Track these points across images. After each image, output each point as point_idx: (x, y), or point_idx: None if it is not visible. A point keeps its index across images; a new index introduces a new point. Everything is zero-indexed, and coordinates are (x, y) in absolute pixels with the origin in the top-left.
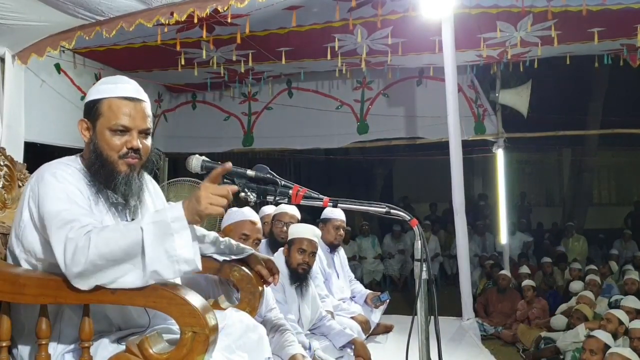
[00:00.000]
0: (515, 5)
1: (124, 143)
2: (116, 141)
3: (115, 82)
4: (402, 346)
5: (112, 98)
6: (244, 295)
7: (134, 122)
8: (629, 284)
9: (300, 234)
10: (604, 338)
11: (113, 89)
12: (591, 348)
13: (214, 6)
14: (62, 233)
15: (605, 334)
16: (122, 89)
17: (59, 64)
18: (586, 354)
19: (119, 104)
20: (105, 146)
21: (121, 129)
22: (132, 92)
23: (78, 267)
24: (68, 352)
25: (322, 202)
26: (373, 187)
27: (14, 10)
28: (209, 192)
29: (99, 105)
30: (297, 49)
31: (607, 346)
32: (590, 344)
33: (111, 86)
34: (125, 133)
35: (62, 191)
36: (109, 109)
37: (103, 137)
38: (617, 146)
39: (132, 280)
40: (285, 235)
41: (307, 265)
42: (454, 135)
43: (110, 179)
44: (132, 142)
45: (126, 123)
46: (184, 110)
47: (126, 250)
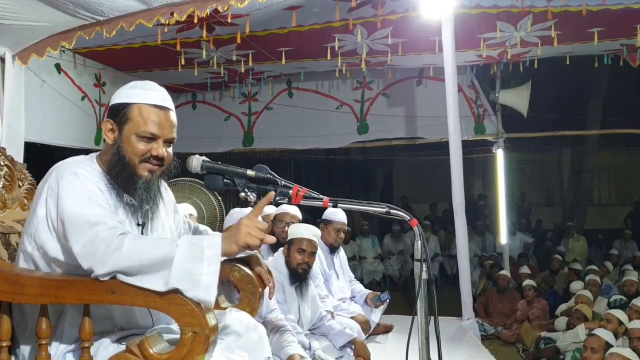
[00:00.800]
0: (515, 5)
1: (148, 150)
2: (141, 147)
3: (146, 89)
4: (402, 346)
5: (142, 104)
6: (244, 296)
7: (162, 130)
8: (628, 285)
9: (299, 234)
10: (605, 336)
11: (144, 95)
12: (592, 346)
13: (214, 6)
14: (90, 234)
15: (606, 332)
16: (152, 96)
17: (59, 64)
18: (587, 352)
19: (149, 111)
20: (130, 150)
21: (149, 136)
22: (162, 101)
23: (105, 268)
24: (69, 352)
25: (322, 202)
26: (373, 187)
27: (14, 10)
28: (251, 223)
29: (128, 110)
30: (297, 49)
31: (609, 344)
32: (591, 342)
33: (141, 92)
34: (151, 140)
35: (84, 191)
36: (139, 115)
37: (129, 142)
38: (617, 146)
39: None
40: (287, 236)
41: (307, 265)
42: (453, 135)
43: (131, 183)
44: (158, 150)
45: (155, 131)
46: (184, 110)
47: (155, 262)
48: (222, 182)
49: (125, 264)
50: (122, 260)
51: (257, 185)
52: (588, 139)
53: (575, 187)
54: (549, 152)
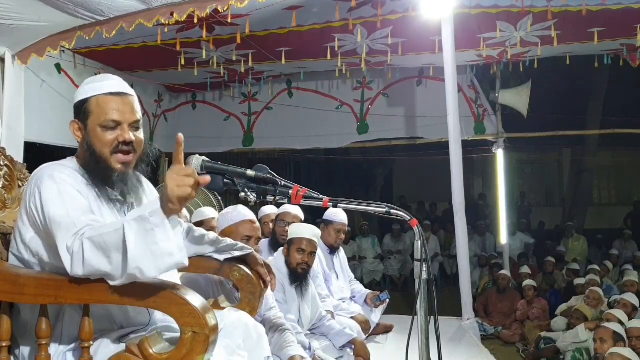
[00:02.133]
0: (515, 5)
1: (115, 137)
2: (108, 137)
3: (100, 80)
4: (402, 346)
5: (99, 95)
6: (244, 295)
7: (123, 115)
8: (628, 285)
9: (299, 234)
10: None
11: (99, 87)
12: (601, 337)
13: (214, 6)
14: (63, 241)
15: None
16: (107, 86)
17: (59, 64)
18: (597, 344)
19: (107, 100)
20: (98, 143)
21: (112, 125)
22: (117, 87)
23: (79, 272)
24: (69, 352)
25: (322, 202)
26: (373, 187)
27: (14, 10)
28: (173, 174)
29: (88, 104)
30: (297, 49)
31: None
32: (599, 333)
33: (97, 84)
34: (116, 128)
35: (59, 194)
36: (98, 106)
37: (95, 135)
38: (617, 146)
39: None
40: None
41: (307, 265)
42: (454, 135)
43: (107, 176)
44: (124, 135)
45: (116, 117)
46: (184, 110)
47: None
48: (222, 182)
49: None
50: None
51: (257, 185)
52: (588, 139)
53: (575, 187)
54: (549, 152)
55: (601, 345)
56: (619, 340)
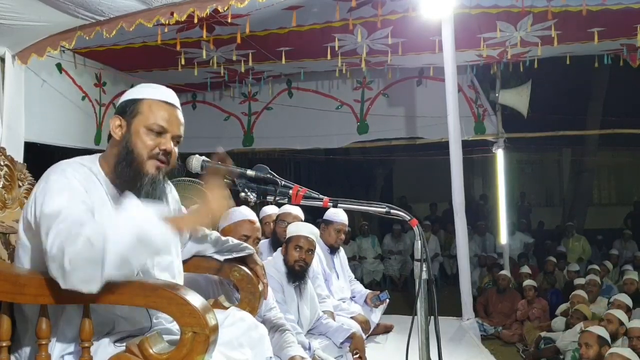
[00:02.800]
0: (515, 5)
1: (157, 144)
2: (150, 141)
3: (156, 87)
4: (402, 346)
5: (152, 99)
6: (244, 295)
7: (170, 126)
8: (627, 284)
9: (297, 232)
10: (596, 331)
11: (154, 92)
12: (586, 342)
13: (214, 6)
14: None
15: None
16: (163, 93)
17: (60, 63)
18: (583, 349)
19: (159, 106)
20: (139, 143)
21: (158, 130)
22: (171, 99)
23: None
24: (68, 353)
25: (322, 202)
26: (373, 187)
27: (14, 10)
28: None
29: (138, 104)
30: (297, 49)
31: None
32: (584, 337)
33: (152, 90)
34: (160, 135)
35: (65, 187)
36: (149, 109)
37: (138, 135)
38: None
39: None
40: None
41: (304, 262)
42: (454, 135)
43: (137, 179)
44: (167, 144)
45: (164, 124)
46: (184, 110)
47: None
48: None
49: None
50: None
51: (257, 185)
52: (588, 139)
53: (575, 187)
54: (549, 152)
55: (586, 350)
56: (604, 345)
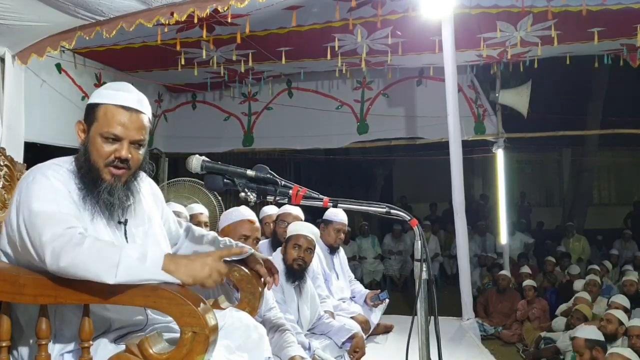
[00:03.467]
0: (515, 5)
1: (112, 151)
2: (105, 148)
3: (117, 89)
4: (402, 346)
5: (109, 105)
6: (244, 295)
7: (126, 132)
8: (627, 285)
9: (296, 231)
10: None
11: (113, 96)
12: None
13: (214, 6)
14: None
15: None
16: (122, 97)
17: (60, 63)
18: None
19: (114, 112)
20: (95, 152)
21: (112, 137)
22: (131, 102)
23: (64, 261)
24: (67, 353)
25: (322, 202)
26: (373, 187)
27: (14, 10)
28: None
29: (96, 110)
30: (297, 49)
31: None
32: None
33: (112, 92)
34: (115, 142)
35: (51, 191)
36: (104, 116)
37: (94, 143)
38: (617, 146)
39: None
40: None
41: (303, 261)
42: (454, 135)
43: (94, 186)
44: (121, 151)
45: (118, 132)
46: (184, 110)
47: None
48: (222, 182)
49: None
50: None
51: (257, 185)
52: (588, 139)
53: (575, 187)
54: (549, 152)
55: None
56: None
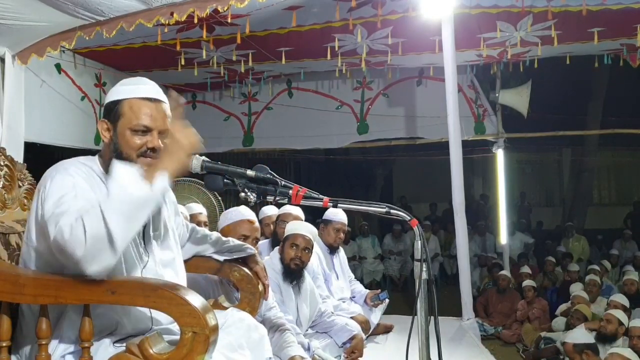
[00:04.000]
0: (515, 5)
1: (144, 143)
2: (137, 141)
3: (136, 84)
4: (402, 346)
5: (133, 99)
6: (244, 295)
7: (155, 122)
8: (628, 284)
9: (294, 230)
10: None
11: (134, 90)
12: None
13: (214, 6)
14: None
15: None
16: (142, 90)
17: (59, 64)
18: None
19: (140, 105)
20: (126, 146)
21: (142, 129)
22: (152, 93)
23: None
24: (69, 353)
25: (322, 203)
26: (373, 187)
27: (14, 10)
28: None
29: (120, 106)
30: (297, 49)
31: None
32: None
33: (132, 87)
34: (146, 133)
35: (70, 184)
36: (130, 110)
37: (124, 137)
38: (617, 146)
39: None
40: None
41: (300, 261)
42: (454, 135)
43: None
44: (154, 141)
45: (147, 123)
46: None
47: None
48: (222, 182)
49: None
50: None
51: (257, 185)
52: (588, 139)
53: (575, 187)
54: (549, 152)
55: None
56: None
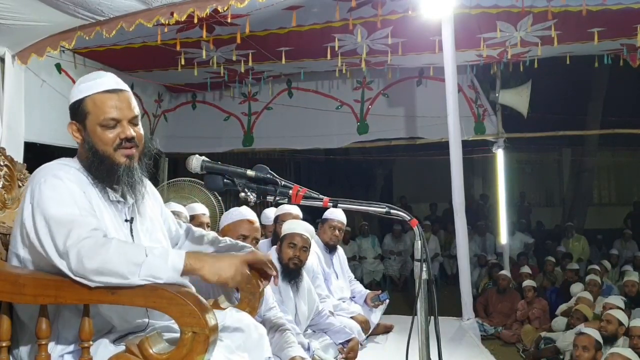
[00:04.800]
0: (515, 5)
1: (117, 135)
2: (109, 134)
3: (94, 79)
4: (402, 346)
5: (95, 94)
6: (244, 295)
7: (122, 112)
8: (629, 286)
9: (291, 230)
10: (594, 335)
11: (93, 85)
12: (583, 344)
13: (214, 6)
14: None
15: (594, 330)
16: (101, 83)
17: (59, 63)
18: (579, 351)
19: (103, 98)
20: (100, 142)
21: (112, 123)
22: (112, 85)
23: (91, 264)
24: (68, 353)
25: (322, 202)
26: (373, 187)
27: (14, 10)
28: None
29: (84, 104)
30: (297, 49)
31: (598, 343)
32: (581, 340)
33: (91, 83)
34: (116, 125)
35: (67, 192)
36: (95, 105)
37: (95, 134)
38: (617, 146)
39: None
40: None
41: (298, 260)
42: (454, 135)
43: (112, 173)
44: (125, 132)
45: (115, 115)
46: (184, 110)
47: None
48: (222, 182)
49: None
50: (111, 256)
51: (257, 185)
52: (588, 139)
53: (575, 187)
54: (549, 152)
55: (582, 352)
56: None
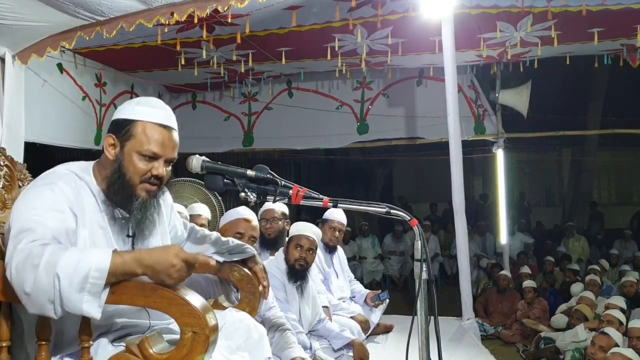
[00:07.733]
0: (515, 5)
1: (149, 169)
2: (142, 166)
3: (153, 107)
4: (402, 346)
5: (147, 122)
6: (244, 295)
7: (164, 150)
8: (627, 286)
9: (298, 231)
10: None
11: (150, 113)
12: (602, 344)
13: (214, 6)
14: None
15: (616, 332)
16: (158, 115)
17: (61, 63)
18: (594, 348)
19: (154, 130)
20: (131, 168)
21: (151, 155)
22: (166, 120)
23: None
24: (67, 356)
25: (322, 203)
26: (373, 187)
27: (14, 10)
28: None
29: (132, 126)
30: (297, 49)
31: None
32: (601, 340)
33: (148, 109)
34: (153, 160)
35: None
36: (143, 133)
37: (130, 159)
38: (617, 146)
39: None
40: (272, 231)
41: (305, 261)
42: (454, 135)
43: (128, 202)
44: (159, 169)
45: (157, 151)
46: (184, 111)
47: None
48: (222, 182)
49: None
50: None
51: (257, 185)
52: (588, 139)
53: (575, 187)
54: (549, 152)
55: (597, 351)
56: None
